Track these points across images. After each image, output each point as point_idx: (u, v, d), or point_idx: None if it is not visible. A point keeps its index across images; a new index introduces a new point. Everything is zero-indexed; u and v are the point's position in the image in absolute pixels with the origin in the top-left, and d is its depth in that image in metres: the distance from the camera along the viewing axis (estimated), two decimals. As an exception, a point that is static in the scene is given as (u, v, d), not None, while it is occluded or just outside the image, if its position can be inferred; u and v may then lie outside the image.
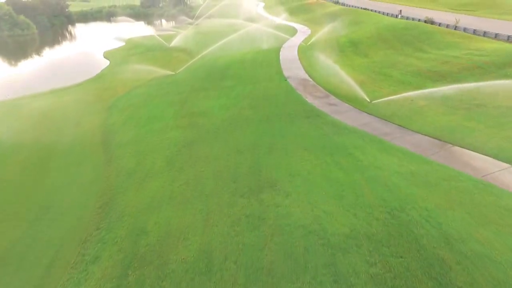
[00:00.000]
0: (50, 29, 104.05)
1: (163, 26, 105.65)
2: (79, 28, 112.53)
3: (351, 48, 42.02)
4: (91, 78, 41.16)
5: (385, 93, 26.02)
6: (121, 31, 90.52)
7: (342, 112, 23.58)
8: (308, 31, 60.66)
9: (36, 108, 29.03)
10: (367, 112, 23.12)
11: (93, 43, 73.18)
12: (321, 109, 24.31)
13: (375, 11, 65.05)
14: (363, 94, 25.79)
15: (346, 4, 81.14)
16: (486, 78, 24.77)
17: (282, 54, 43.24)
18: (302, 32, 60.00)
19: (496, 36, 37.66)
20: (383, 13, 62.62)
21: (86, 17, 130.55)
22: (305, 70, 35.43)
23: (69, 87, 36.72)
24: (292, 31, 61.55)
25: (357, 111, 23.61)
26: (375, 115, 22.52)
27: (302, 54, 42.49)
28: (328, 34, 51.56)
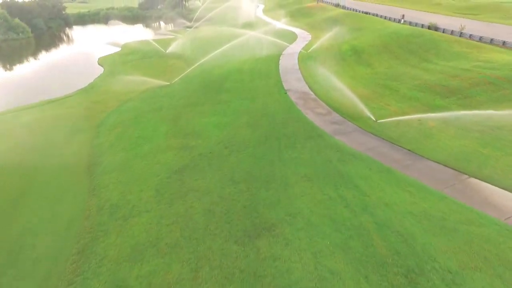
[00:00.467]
0: (46, 33, 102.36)
1: (161, 30, 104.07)
2: (76, 31, 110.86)
3: (354, 57, 40.38)
4: (83, 89, 39.48)
5: (392, 111, 24.41)
6: (118, 35, 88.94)
7: (346, 133, 21.98)
8: (309, 37, 59.05)
9: (22, 125, 27.39)
10: (373, 134, 21.51)
11: (88, 48, 71.56)
12: (324, 129, 22.71)
13: (377, 15, 63.39)
14: (368, 112, 24.18)
15: (347, 8, 79.42)
16: (500, 96, 23.17)
17: (282, 63, 41.66)
18: (302, 38, 58.40)
19: (504, 44, 36.15)
20: (385, 17, 61.02)
21: (84, 20, 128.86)
22: (306, 82, 33.84)
23: (59, 99, 35.05)
24: (292, 37, 59.93)
25: (362, 132, 22.00)
26: (382, 137, 20.92)
27: (303, 63, 40.88)
28: (329, 41, 49.95)
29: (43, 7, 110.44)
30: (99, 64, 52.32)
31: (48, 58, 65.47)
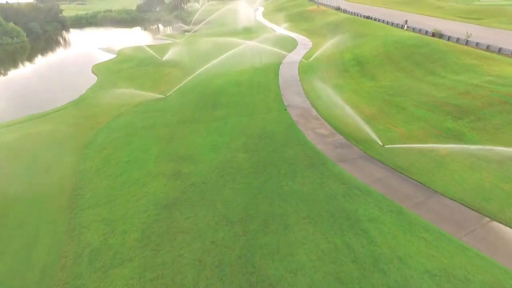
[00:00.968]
0: (42, 36, 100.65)
1: (159, 33, 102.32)
2: (73, 35, 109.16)
3: (357, 68, 38.69)
4: (74, 101, 37.73)
5: (400, 134, 22.71)
6: (115, 39, 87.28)
7: (351, 160, 20.28)
8: (309, 44, 57.36)
9: (3, 145, 25.64)
10: (381, 161, 19.81)
11: (83, 54, 69.90)
12: (326, 154, 21.02)
13: (379, 20, 61.71)
14: (374, 135, 22.49)
15: (348, 11, 77.76)
16: (517, 119, 21.48)
17: (282, 74, 39.98)
18: (303, 45, 56.70)
19: (513, 53, 34.56)
20: (387, 22, 59.37)
21: (81, 23, 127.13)
22: (307, 96, 32.15)
23: (47, 114, 33.29)
24: (292, 43, 58.25)
25: (369, 159, 20.30)
26: (390, 166, 19.23)
27: (303, 74, 39.20)
28: (331, 49, 48.25)
29: (39, 10, 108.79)
30: (93, 72, 50.58)
31: (41, 65, 63.74)
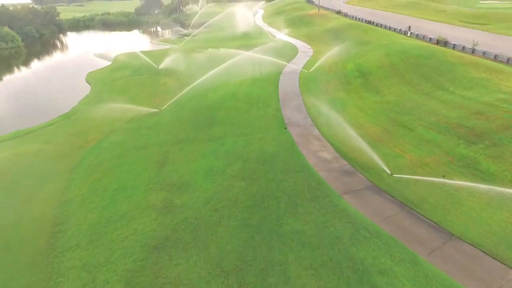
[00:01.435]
0: (38, 40, 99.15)
1: (157, 38, 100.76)
2: (70, 38, 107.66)
3: (360, 80, 37.08)
4: (66, 114, 36.10)
5: (409, 161, 21.09)
6: (111, 43, 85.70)
7: (357, 192, 18.65)
8: (310, 51, 55.73)
9: (-15, 169, 24.07)
10: (389, 194, 18.20)
11: (78, 60, 68.41)
12: (330, 184, 19.40)
13: (382, 26, 60.12)
14: (382, 162, 20.88)
15: (349, 15, 76.18)
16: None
17: (281, 86, 38.35)
18: (303, 52, 55.10)
19: (524, 64, 33.08)
20: (390, 28, 57.82)
21: (78, 26, 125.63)
22: (308, 112, 30.51)
23: (36, 130, 31.65)
24: (293, 51, 56.67)
25: (376, 190, 18.67)
26: (400, 200, 17.62)
27: (304, 86, 37.59)
28: (332, 58, 46.64)
29: (36, 14, 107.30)
30: (87, 81, 48.97)
31: (34, 72, 62.18)
